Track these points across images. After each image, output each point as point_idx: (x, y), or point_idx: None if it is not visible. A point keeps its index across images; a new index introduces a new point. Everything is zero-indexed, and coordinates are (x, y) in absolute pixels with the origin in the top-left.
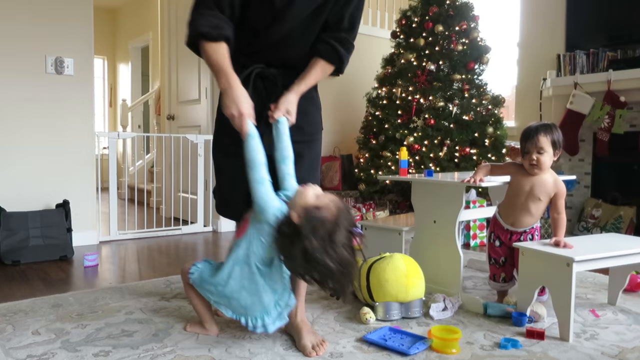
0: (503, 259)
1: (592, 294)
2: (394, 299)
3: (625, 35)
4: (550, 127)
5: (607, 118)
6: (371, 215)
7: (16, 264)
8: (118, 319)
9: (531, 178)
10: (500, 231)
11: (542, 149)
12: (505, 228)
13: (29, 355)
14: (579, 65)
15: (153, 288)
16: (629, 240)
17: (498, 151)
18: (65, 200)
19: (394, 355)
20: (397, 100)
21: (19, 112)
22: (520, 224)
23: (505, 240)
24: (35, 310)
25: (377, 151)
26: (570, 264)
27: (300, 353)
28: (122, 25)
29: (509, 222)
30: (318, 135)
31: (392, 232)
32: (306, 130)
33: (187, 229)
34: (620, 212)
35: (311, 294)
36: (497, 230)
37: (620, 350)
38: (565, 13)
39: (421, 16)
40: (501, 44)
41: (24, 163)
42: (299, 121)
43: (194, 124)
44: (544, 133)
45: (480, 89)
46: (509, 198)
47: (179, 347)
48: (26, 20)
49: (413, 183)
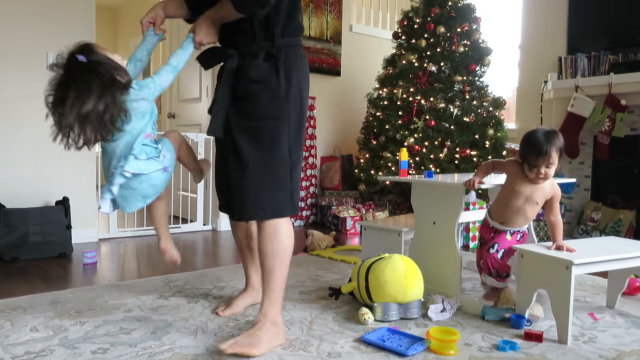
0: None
1: (590, 297)
2: (393, 299)
3: (627, 38)
4: (557, 137)
5: (607, 121)
6: (371, 215)
7: (15, 260)
8: (116, 316)
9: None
10: (485, 230)
11: (551, 163)
12: (491, 226)
13: (27, 352)
14: (580, 68)
15: (152, 286)
16: (628, 243)
17: (498, 153)
18: (65, 197)
19: (392, 356)
20: (397, 101)
21: (20, 109)
22: (511, 225)
23: (488, 239)
24: (33, 307)
25: (377, 152)
26: (569, 267)
27: (299, 353)
28: (124, 24)
29: (499, 221)
30: (267, 122)
31: (392, 232)
32: (251, 115)
33: (186, 227)
34: (620, 215)
35: (310, 294)
36: (482, 230)
37: (618, 353)
38: (567, 16)
39: (423, 17)
40: (502, 46)
41: (24, 160)
42: (243, 105)
43: (194, 123)
44: (555, 148)
45: (481, 90)
46: (505, 199)
47: (177, 345)
48: (28, 18)
49: (413, 184)
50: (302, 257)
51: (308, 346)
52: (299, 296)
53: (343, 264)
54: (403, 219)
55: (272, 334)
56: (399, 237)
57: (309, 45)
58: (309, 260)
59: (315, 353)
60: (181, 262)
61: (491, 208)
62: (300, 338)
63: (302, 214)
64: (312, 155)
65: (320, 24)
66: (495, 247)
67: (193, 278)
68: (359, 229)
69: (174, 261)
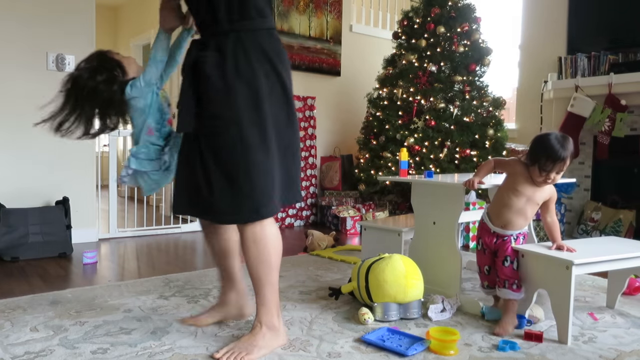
0: (487, 267)
1: (590, 297)
2: (393, 299)
3: (627, 38)
4: (571, 144)
5: (607, 121)
6: (371, 215)
7: (15, 260)
8: (116, 316)
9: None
10: (486, 235)
11: (562, 170)
12: (492, 231)
13: (26, 352)
14: (580, 68)
15: (152, 286)
16: (628, 243)
17: (498, 153)
18: (65, 197)
19: (392, 356)
20: (397, 101)
21: (20, 108)
22: (512, 227)
23: (490, 244)
24: (33, 306)
25: (377, 152)
26: (570, 267)
27: (299, 353)
28: (124, 23)
29: (499, 225)
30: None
31: (392, 232)
32: (206, 112)
33: (186, 227)
34: (620, 215)
35: (310, 294)
36: (483, 235)
37: (618, 353)
38: (567, 16)
39: (423, 17)
40: (502, 46)
41: (24, 160)
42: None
43: None
44: (570, 155)
45: (481, 90)
46: (504, 199)
47: (177, 345)
48: (28, 17)
49: (413, 184)
50: (302, 257)
51: (308, 346)
52: (299, 296)
53: (343, 264)
54: (403, 219)
55: (269, 337)
56: (399, 237)
57: (309, 45)
58: (309, 260)
59: (315, 353)
60: (181, 262)
61: (490, 211)
62: (300, 338)
63: (302, 214)
64: (312, 155)
65: (320, 24)
66: (508, 260)
67: (193, 278)
68: (359, 229)
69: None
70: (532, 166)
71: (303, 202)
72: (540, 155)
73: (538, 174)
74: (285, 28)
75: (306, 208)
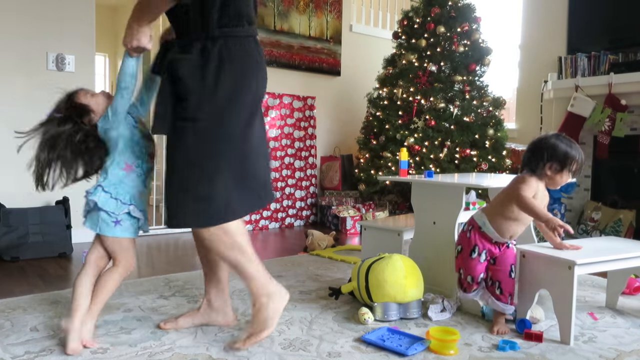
0: (482, 276)
1: (590, 297)
2: (393, 299)
3: (627, 38)
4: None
5: (607, 121)
6: (371, 215)
7: (15, 260)
8: (116, 316)
9: (545, 192)
10: (488, 243)
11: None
12: (493, 241)
13: (27, 352)
14: (580, 68)
15: (152, 286)
16: (628, 243)
17: (498, 153)
18: (65, 197)
19: (391, 356)
20: (397, 101)
21: (20, 108)
22: (517, 236)
23: (496, 253)
24: (33, 306)
25: (377, 152)
26: (572, 267)
27: (299, 353)
28: (124, 23)
29: (507, 237)
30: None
31: (392, 232)
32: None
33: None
34: (620, 215)
35: (310, 293)
36: (485, 244)
37: (618, 353)
38: (567, 16)
39: (423, 17)
40: (502, 45)
41: (24, 160)
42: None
43: None
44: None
45: (481, 90)
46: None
47: (176, 345)
48: (28, 17)
49: (413, 184)
50: (302, 257)
51: (308, 346)
52: (299, 296)
53: (343, 263)
54: (403, 219)
55: (273, 303)
56: (399, 237)
57: (309, 45)
58: (309, 260)
59: (315, 353)
60: (181, 262)
61: (494, 223)
62: (300, 338)
63: (302, 213)
64: (312, 155)
65: (320, 24)
66: (514, 270)
67: (193, 278)
68: (359, 228)
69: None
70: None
71: (303, 201)
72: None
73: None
74: (285, 28)
75: (306, 208)
